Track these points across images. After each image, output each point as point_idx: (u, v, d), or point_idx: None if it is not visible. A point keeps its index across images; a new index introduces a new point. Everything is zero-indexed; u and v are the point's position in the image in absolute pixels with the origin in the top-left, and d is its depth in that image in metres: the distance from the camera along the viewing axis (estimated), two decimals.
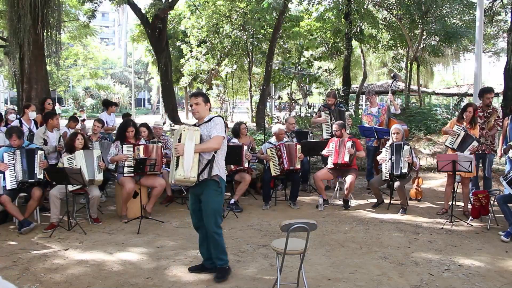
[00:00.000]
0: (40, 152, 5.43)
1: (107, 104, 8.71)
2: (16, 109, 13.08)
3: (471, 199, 5.55)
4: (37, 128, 6.80)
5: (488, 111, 6.12)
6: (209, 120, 3.70)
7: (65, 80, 36.93)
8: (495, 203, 5.14)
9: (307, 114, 15.97)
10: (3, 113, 7.55)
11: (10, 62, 14.15)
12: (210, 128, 3.63)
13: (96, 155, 5.51)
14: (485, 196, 5.32)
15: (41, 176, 5.31)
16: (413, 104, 14.17)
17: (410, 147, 6.01)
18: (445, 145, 5.99)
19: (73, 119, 7.85)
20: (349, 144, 6.13)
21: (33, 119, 6.86)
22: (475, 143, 5.68)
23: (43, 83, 9.40)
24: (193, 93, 3.83)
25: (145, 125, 6.54)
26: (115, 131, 7.92)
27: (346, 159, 6.11)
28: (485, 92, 6.15)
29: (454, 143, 5.76)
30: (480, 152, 6.10)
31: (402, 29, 13.57)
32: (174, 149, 3.55)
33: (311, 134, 8.01)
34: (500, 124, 6.12)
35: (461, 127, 5.75)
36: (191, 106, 3.74)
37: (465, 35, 12.97)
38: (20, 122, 6.67)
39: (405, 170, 5.83)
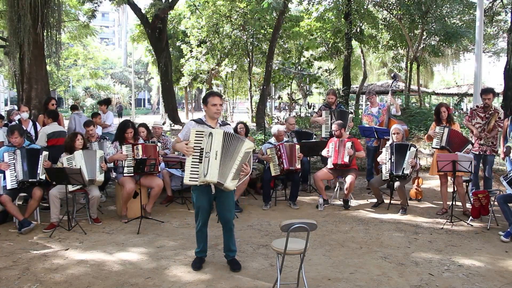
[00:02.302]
0: (45, 152, 5.44)
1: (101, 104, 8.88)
2: (17, 109, 13.08)
3: (471, 199, 5.56)
4: (35, 129, 6.82)
5: (490, 112, 6.12)
6: (224, 124, 4.04)
7: (65, 80, 36.91)
8: (495, 203, 5.15)
9: (307, 114, 15.97)
10: (5, 114, 7.57)
11: (10, 62, 14.13)
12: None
13: (98, 155, 5.51)
14: (485, 196, 5.33)
15: (43, 177, 5.31)
16: (413, 104, 14.16)
17: (417, 150, 6.02)
18: (433, 147, 6.16)
19: (95, 114, 7.97)
20: (348, 144, 6.13)
21: (32, 120, 6.88)
22: (469, 146, 5.90)
23: (43, 83, 9.40)
24: (217, 93, 4.00)
25: (143, 125, 6.54)
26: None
27: (346, 160, 6.11)
28: (482, 93, 6.20)
29: (440, 142, 5.93)
30: (481, 153, 6.12)
31: (402, 29, 13.57)
32: (244, 169, 3.78)
33: (314, 136, 8.01)
34: (501, 125, 6.12)
35: (442, 127, 5.95)
36: (214, 105, 3.86)
37: (465, 35, 12.97)
38: (34, 124, 6.70)
39: (407, 171, 5.83)
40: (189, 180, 3.71)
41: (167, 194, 6.61)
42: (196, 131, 3.74)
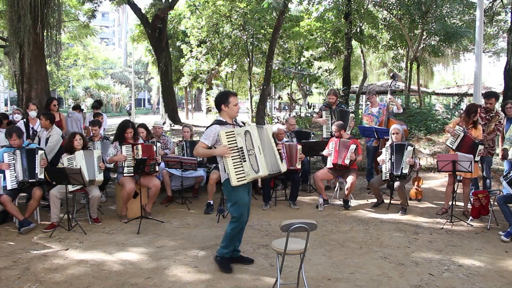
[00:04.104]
0: (40, 152, 5.43)
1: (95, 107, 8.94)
2: (16, 108, 13.06)
3: (471, 199, 5.56)
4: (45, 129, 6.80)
5: (491, 114, 6.11)
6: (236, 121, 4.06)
7: (65, 80, 36.91)
8: (495, 203, 5.15)
9: (307, 114, 15.97)
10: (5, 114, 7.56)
11: (10, 62, 14.13)
12: None
13: (96, 155, 5.52)
14: (485, 196, 5.33)
15: (42, 176, 5.31)
16: (413, 104, 14.16)
17: (414, 148, 6.01)
18: (446, 144, 5.99)
19: (97, 115, 8.02)
20: (353, 147, 6.12)
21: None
22: (481, 148, 5.61)
23: (43, 83, 9.39)
24: (234, 92, 4.02)
25: (143, 125, 6.53)
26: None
27: (347, 162, 6.12)
28: (485, 97, 6.17)
29: (454, 144, 5.73)
30: None
31: (402, 29, 13.56)
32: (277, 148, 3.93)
33: (312, 135, 8.00)
34: (500, 129, 6.13)
35: (461, 128, 5.73)
36: (235, 105, 3.88)
37: (465, 35, 12.95)
38: (27, 123, 6.68)
39: (406, 170, 5.83)
40: (238, 181, 3.68)
41: (167, 194, 6.61)
42: (226, 133, 3.70)
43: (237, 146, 3.70)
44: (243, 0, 15.86)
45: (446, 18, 12.60)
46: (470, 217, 5.48)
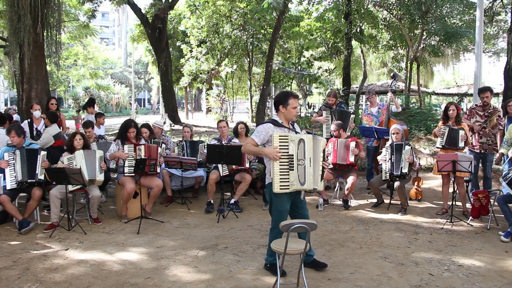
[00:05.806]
0: (43, 152, 5.43)
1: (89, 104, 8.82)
2: (16, 108, 13.06)
3: (471, 199, 5.56)
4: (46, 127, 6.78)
5: (489, 110, 6.16)
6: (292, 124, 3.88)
7: (65, 80, 36.91)
8: (495, 203, 5.15)
9: (307, 114, 15.97)
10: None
11: (10, 62, 14.13)
12: None
13: (98, 155, 5.51)
14: (485, 196, 5.33)
15: (41, 177, 5.31)
16: (413, 104, 14.16)
17: (411, 147, 6.03)
18: (436, 147, 6.11)
19: (100, 115, 7.94)
20: (353, 144, 6.13)
21: (44, 118, 6.84)
22: (461, 132, 5.69)
23: (43, 83, 9.38)
24: (296, 94, 3.86)
25: (146, 125, 6.52)
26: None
27: (352, 159, 6.12)
28: (480, 92, 6.26)
29: (443, 141, 5.85)
30: (482, 151, 6.13)
31: (402, 29, 13.56)
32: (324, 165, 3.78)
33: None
34: (501, 123, 6.16)
35: (446, 126, 5.84)
36: (294, 108, 3.73)
37: (465, 35, 12.95)
38: (31, 123, 6.65)
39: (405, 170, 5.84)
40: (280, 189, 3.54)
41: (167, 194, 6.61)
42: (280, 136, 3.55)
43: (288, 152, 3.54)
44: (243, 0, 15.86)
45: (446, 18, 12.60)
46: (470, 217, 5.48)
